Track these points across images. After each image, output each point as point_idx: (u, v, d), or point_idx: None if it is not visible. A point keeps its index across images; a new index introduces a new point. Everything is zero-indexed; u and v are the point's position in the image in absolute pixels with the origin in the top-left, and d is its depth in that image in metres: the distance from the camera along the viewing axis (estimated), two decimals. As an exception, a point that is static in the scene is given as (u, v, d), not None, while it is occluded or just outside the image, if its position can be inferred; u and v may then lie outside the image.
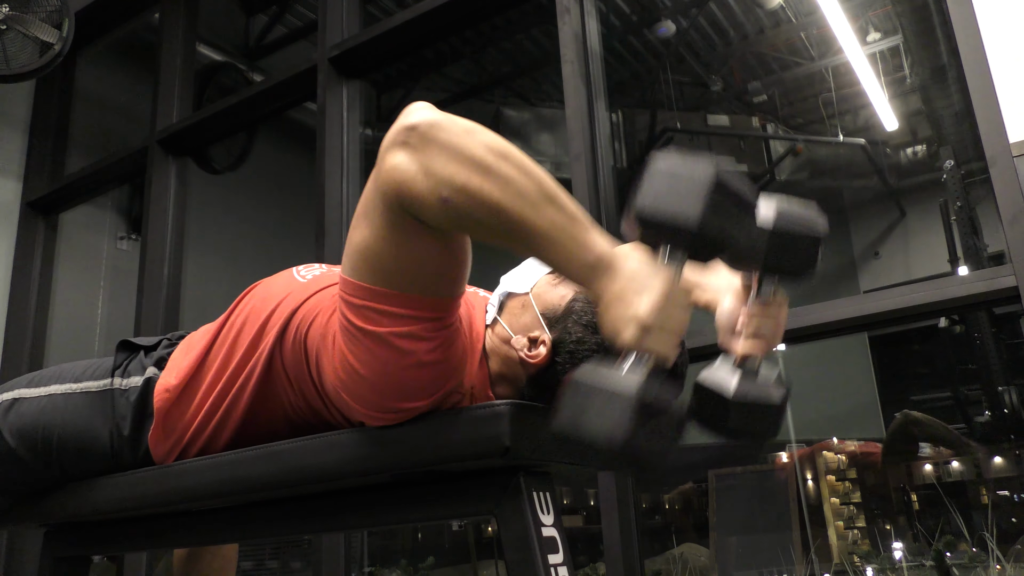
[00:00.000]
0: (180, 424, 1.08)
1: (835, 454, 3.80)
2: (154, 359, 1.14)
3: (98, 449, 1.11)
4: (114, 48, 4.05)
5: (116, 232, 3.92)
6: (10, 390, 1.16)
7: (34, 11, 2.73)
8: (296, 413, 1.05)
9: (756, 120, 5.38)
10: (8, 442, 1.11)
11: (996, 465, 3.74)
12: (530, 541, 0.85)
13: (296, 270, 1.15)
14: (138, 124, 3.59)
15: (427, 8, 2.57)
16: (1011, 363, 3.77)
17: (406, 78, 4.51)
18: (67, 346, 3.53)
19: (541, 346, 0.97)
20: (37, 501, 1.19)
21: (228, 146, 3.68)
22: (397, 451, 0.91)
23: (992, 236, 3.45)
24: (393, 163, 0.82)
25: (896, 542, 3.49)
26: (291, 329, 1.02)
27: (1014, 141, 1.59)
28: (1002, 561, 2.14)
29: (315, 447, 0.96)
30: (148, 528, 1.19)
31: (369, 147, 2.78)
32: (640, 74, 4.77)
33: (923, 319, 1.85)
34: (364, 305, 0.87)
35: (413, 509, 0.97)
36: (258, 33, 4.20)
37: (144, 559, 2.64)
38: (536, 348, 0.97)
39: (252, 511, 1.10)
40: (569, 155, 2.15)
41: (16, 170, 3.61)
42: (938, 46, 4.21)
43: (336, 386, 0.94)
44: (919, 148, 5.28)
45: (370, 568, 3.06)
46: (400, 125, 0.82)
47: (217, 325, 1.12)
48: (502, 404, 0.87)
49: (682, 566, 3.07)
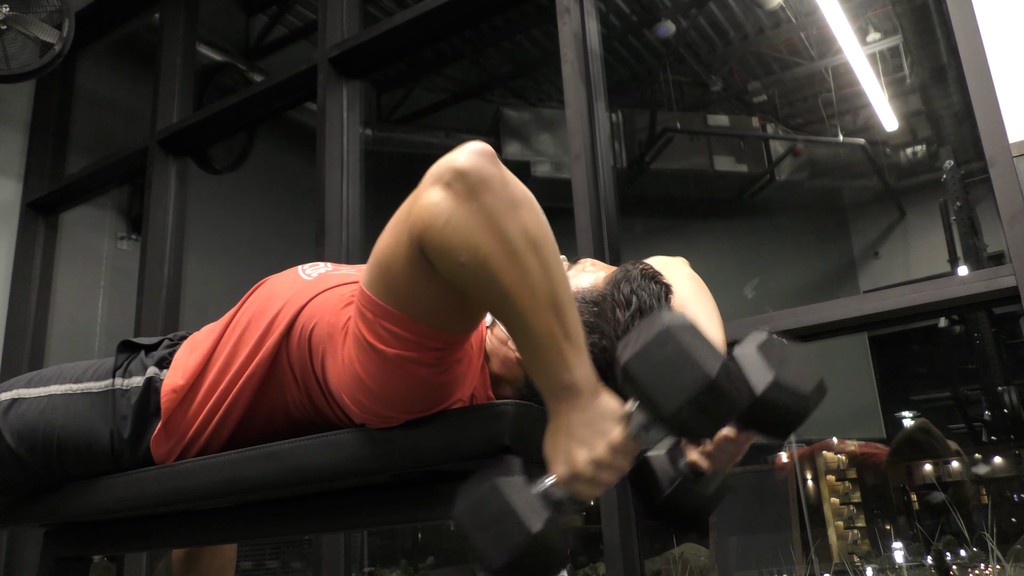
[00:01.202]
0: (183, 424, 1.08)
1: (835, 454, 3.80)
2: (155, 359, 1.14)
3: (99, 449, 1.11)
4: (114, 48, 4.05)
5: (116, 232, 3.91)
6: (9, 390, 1.16)
7: (34, 11, 2.73)
8: (299, 410, 1.05)
9: (756, 120, 5.37)
10: (8, 442, 1.11)
11: (996, 465, 3.74)
12: (530, 541, 0.85)
13: (302, 268, 1.15)
14: (138, 124, 3.59)
15: (427, 8, 2.57)
16: (1011, 363, 3.77)
17: (406, 78, 4.52)
18: (67, 346, 3.53)
19: (540, 346, 0.97)
20: (37, 501, 1.18)
21: (228, 146, 3.68)
22: (397, 451, 0.91)
23: (992, 236, 3.45)
24: (430, 201, 0.79)
25: (896, 542, 3.49)
26: (297, 328, 1.02)
27: (1014, 141, 1.59)
28: (1002, 561, 2.14)
29: (315, 447, 0.96)
30: (148, 528, 1.19)
31: (369, 147, 2.78)
32: (640, 74, 4.77)
33: (923, 319, 1.85)
34: (376, 322, 0.86)
35: (413, 509, 0.97)
36: (258, 33, 4.20)
37: (144, 559, 2.64)
38: (536, 348, 0.97)
39: (252, 511, 1.10)
40: (569, 155, 2.15)
41: (16, 170, 3.61)
42: (938, 46, 4.21)
43: (339, 388, 0.94)
44: (919, 148, 5.28)
45: (370, 568, 3.06)
46: (453, 164, 0.79)
47: (222, 324, 1.11)
48: (502, 404, 0.87)
49: (682, 566, 3.07)
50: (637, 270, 1.02)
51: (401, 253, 0.82)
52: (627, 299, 0.98)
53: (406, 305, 0.84)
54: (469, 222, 0.77)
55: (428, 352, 0.86)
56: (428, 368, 0.87)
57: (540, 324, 0.78)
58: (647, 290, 0.99)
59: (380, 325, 0.86)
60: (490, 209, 0.77)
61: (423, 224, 0.79)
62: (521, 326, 0.79)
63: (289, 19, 4.22)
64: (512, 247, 0.77)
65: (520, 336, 0.80)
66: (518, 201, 0.79)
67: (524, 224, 0.78)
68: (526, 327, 0.79)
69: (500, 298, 0.79)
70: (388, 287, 0.85)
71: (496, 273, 0.77)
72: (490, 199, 0.78)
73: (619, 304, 0.98)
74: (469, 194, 0.77)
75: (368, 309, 0.87)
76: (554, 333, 0.78)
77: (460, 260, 0.78)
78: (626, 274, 1.01)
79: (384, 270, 0.85)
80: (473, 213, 0.77)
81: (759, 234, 5.64)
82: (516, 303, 0.78)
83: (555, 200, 3.49)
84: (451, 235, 0.77)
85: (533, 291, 0.78)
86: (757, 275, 4.96)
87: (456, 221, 0.77)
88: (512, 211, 0.78)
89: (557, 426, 0.80)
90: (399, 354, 0.85)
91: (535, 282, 0.78)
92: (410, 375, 0.87)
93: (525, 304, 0.78)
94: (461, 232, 0.77)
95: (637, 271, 1.02)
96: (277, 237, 4.48)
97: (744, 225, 5.69)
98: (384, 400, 0.89)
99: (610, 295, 0.99)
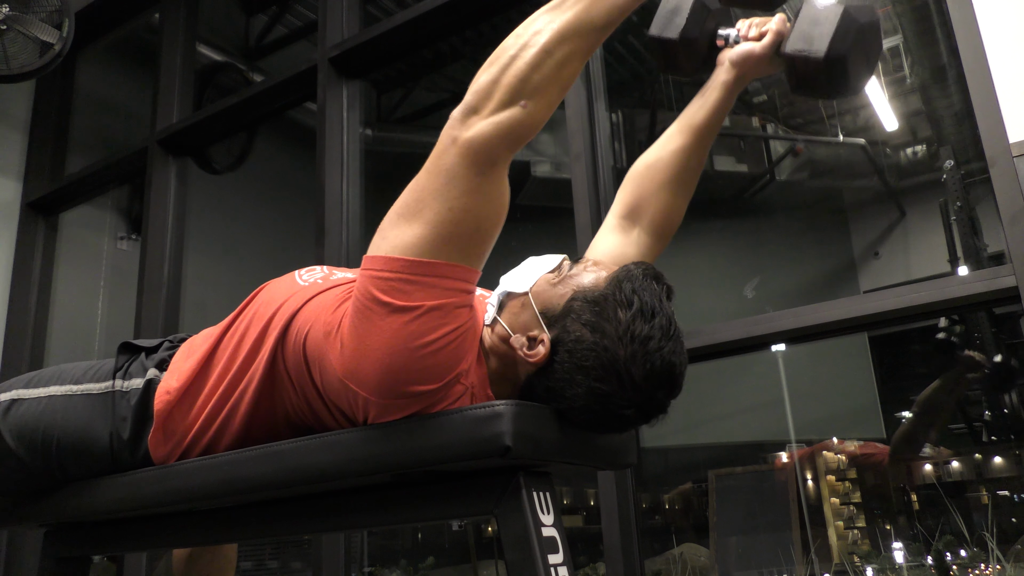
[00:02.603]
0: (181, 427, 1.08)
1: (835, 454, 3.80)
2: (155, 361, 1.14)
3: (98, 451, 1.11)
4: (114, 48, 4.05)
5: (116, 232, 3.91)
6: (8, 390, 1.16)
7: (34, 11, 2.73)
8: (297, 415, 1.05)
9: (756, 120, 5.37)
10: (7, 443, 1.11)
11: (996, 465, 3.74)
12: (530, 541, 0.85)
13: (298, 273, 1.15)
14: (138, 124, 3.59)
15: (427, 8, 2.57)
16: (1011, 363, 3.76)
17: (406, 78, 4.51)
18: (67, 346, 3.53)
19: (540, 345, 0.97)
20: (37, 501, 1.19)
21: (228, 146, 3.67)
22: (397, 451, 0.91)
23: (992, 236, 3.45)
24: (475, 131, 0.89)
25: (896, 542, 3.49)
26: (291, 332, 1.02)
27: (1014, 141, 1.59)
28: (1002, 561, 2.14)
29: (315, 447, 0.96)
30: (148, 528, 1.20)
31: (369, 147, 2.78)
32: (640, 74, 4.77)
33: (923, 319, 1.85)
34: (399, 278, 0.89)
35: (413, 509, 0.97)
36: (258, 33, 4.20)
37: (144, 559, 2.64)
38: (535, 347, 0.97)
39: (252, 511, 1.10)
40: (569, 155, 2.15)
41: (16, 170, 3.61)
42: (938, 46, 4.21)
43: (345, 377, 0.93)
44: (919, 148, 5.28)
45: (370, 568, 3.06)
46: (454, 115, 0.91)
47: (221, 329, 1.12)
48: (502, 404, 0.87)
49: (682, 566, 3.07)
50: (639, 270, 1.02)
51: (454, 195, 0.89)
52: (628, 299, 0.98)
53: (437, 247, 0.89)
54: (531, 74, 0.91)
55: (448, 296, 0.90)
56: (443, 321, 0.89)
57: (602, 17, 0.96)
58: (649, 290, 0.99)
59: (403, 280, 0.89)
60: (503, 79, 0.91)
61: (503, 137, 0.89)
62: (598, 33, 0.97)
63: (289, 19, 4.22)
64: (554, 37, 0.93)
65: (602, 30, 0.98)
66: (508, 47, 0.94)
67: (538, 31, 0.94)
68: (601, 28, 0.97)
69: (600, 27, 0.97)
70: (418, 235, 0.90)
71: (580, 27, 0.95)
72: (492, 86, 0.91)
73: (620, 303, 0.98)
74: (491, 107, 0.90)
75: (387, 270, 0.90)
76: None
77: (563, 76, 0.94)
78: (628, 273, 1.01)
79: (415, 215, 0.90)
80: (506, 86, 0.91)
81: (759, 234, 5.64)
82: (584, 34, 0.95)
83: (555, 200, 3.49)
84: (534, 105, 0.91)
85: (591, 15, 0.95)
86: (757, 275, 4.96)
87: (498, 115, 0.90)
88: (523, 49, 0.92)
89: None
90: (420, 305, 0.88)
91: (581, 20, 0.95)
92: (423, 334, 0.88)
93: (588, 27, 0.95)
94: (532, 81, 0.91)
95: (639, 271, 1.02)
96: (277, 237, 4.48)
97: (744, 225, 5.69)
98: (396, 370, 0.89)
99: (611, 294, 0.99)
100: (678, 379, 0.98)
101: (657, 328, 0.95)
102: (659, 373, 0.95)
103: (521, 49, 0.92)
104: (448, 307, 0.89)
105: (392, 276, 0.89)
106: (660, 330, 0.95)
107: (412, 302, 0.88)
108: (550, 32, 0.93)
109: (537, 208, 4.12)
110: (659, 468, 2.68)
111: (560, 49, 0.92)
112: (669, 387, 0.97)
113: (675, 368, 0.96)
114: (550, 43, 0.92)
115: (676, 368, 0.96)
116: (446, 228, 0.89)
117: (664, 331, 0.95)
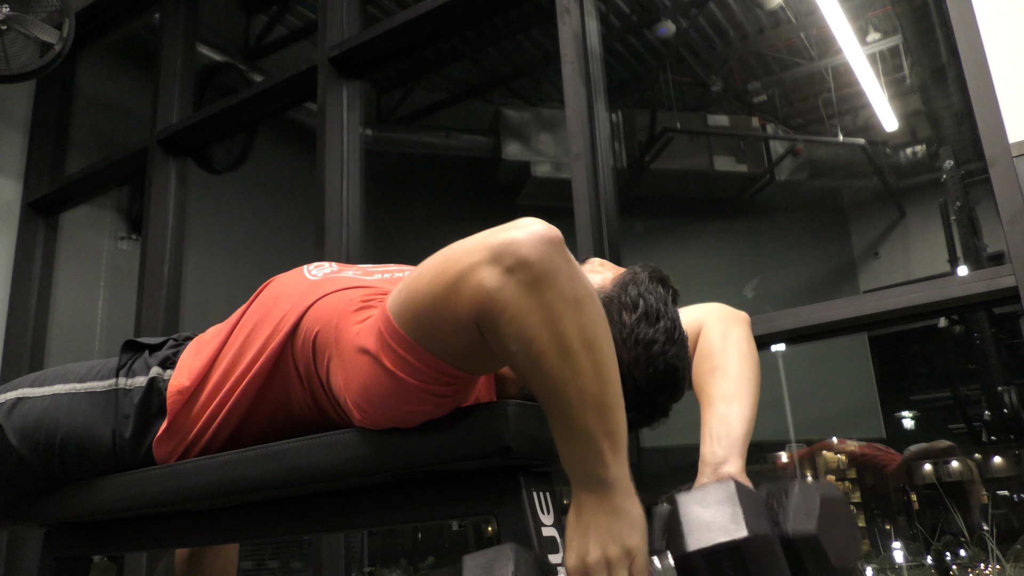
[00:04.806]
0: (187, 424, 1.08)
1: (835, 454, 3.80)
2: (159, 359, 1.14)
3: (100, 449, 1.11)
4: (114, 48, 4.05)
5: (116, 232, 3.91)
6: (13, 389, 1.16)
7: (34, 11, 2.73)
8: (302, 408, 1.05)
9: (756, 120, 5.37)
10: (11, 441, 1.11)
11: (996, 465, 3.74)
12: (530, 541, 0.85)
13: (307, 268, 1.14)
14: (138, 124, 3.59)
15: (427, 8, 2.57)
16: (1011, 363, 3.77)
17: (406, 78, 4.52)
18: (67, 346, 3.53)
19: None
20: (37, 501, 1.19)
21: (228, 146, 3.67)
22: (397, 451, 0.91)
23: (992, 236, 3.45)
24: (490, 285, 0.76)
25: (896, 542, 3.49)
26: (302, 329, 1.01)
27: (1014, 141, 1.59)
28: (1002, 561, 2.13)
29: (315, 447, 0.96)
30: (148, 528, 1.20)
31: (369, 147, 2.78)
32: (640, 74, 4.77)
33: (923, 319, 1.85)
34: (396, 350, 0.85)
35: (413, 509, 0.97)
36: (258, 33, 4.20)
37: (144, 559, 2.64)
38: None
39: (252, 511, 1.10)
40: (569, 155, 2.15)
41: (16, 170, 3.61)
42: (938, 46, 4.21)
43: (343, 395, 0.94)
44: (919, 148, 5.28)
45: (370, 568, 3.06)
46: (518, 250, 0.76)
47: (229, 325, 1.11)
48: (502, 404, 0.87)
49: (682, 566, 3.07)
50: (645, 273, 1.02)
51: (445, 309, 0.80)
52: (634, 302, 0.98)
53: (433, 345, 0.83)
54: (527, 317, 0.75)
55: (444, 385, 0.86)
56: (440, 398, 0.87)
57: (582, 421, 0.77)
58: (654, 293, 0.99)
59: (399, 354, 0.85)
60: (551, 307, 0.75)
61: (479, 306, 0.77)
62: (564, 420, 0.78)
63: (289, 19, 4.22)
64: (567, 348, 0.75)
65: (560, 427, 0.79)
66: (580, 300, 0.77)
67: (582, 324, 0.76)
68: (569, 422, 0.77)
69: (546, 391, 0.78)
70: (420, 326, 0.83)
71: (547, 370, 0.76)
72: (552, 297, 0.75)
73: (626, 307, 0.98)
74: (532, 287, 0.75)
75: (390, 335, 0.86)
76: (595, 431, 0.77)
77: (511, 348, 0.77)
78: (634, 276, 1.01)
79: (418, 312, 0.83)
80: (533, 309, 0.75)
81: (759, 234, 5.64)
82: (562, 399, 0.77)
83: (555, 200, 3.49)
84: (507, 325, 0.76)
85: (581, 391, 0.76)
86: (757, 275, 4.96)
87: (514, 313, 0.75)
88: (572, 310, 0.76)
89: (579, 515, 0.79)
90: (416, 385, 0.85)
91: (584, 383, 0.76)
92: (423, 403, 0.87)
93: (571, 401, 0.76)
94: (517, 325, 0.76)
95: (645, 274, 1.02)
96: (277, 237, 4.48)
97: (744, 225, 5.69)
98: (390, 414, 0.89)
99: (617, 297, 0.99)
100: (680, 383, 0.98)
101: (661, 332, 0.95)
102: (662, 377, 0.95)
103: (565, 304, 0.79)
104: (439, 392, 0.87)
105: (393, 346, 0.86)
106: (664, 334, 0.95)
107: (409, 379, 0.86)
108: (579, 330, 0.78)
109: (537, 208, 4.12)
110: (659, 468, 2.68)
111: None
112: (671, 391, 0.97)
113: (678, 372, 0.96)
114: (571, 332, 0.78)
115: (679, 372, 0.96)
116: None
117: (668, 335, 0.96)
